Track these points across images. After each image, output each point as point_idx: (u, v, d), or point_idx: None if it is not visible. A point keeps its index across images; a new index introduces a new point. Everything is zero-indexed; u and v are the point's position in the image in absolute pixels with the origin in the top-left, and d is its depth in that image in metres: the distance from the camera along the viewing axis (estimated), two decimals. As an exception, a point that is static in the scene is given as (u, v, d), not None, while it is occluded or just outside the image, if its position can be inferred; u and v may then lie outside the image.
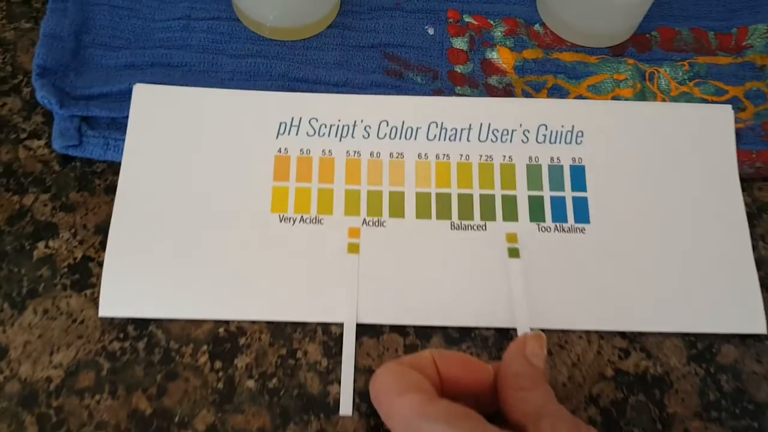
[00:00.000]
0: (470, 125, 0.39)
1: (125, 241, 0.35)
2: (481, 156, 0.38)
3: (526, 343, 0.30)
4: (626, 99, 0.41)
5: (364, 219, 0.36)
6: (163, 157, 0.37)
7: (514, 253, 0.36)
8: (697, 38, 0.44)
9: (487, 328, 0.35)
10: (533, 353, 0.30)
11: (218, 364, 0.33)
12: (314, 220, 0.36)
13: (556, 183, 0.38)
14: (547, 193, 0.38)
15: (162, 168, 0.37)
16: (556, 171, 0.38)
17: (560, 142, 0.39)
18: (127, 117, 0.37)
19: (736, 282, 0.36)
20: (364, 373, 0.34)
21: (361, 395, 0.33)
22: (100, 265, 0.35)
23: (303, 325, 0.34)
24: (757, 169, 0.39)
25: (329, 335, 0.34)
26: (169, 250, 0.35)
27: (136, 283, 0.34)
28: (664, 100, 0.41)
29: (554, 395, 0.29)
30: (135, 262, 0.34)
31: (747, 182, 0.40)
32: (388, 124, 0.39)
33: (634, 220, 0.37)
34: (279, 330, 0.34)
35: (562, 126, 0.39)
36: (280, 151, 0.38)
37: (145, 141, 0.37)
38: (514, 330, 0.35)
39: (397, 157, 0.38)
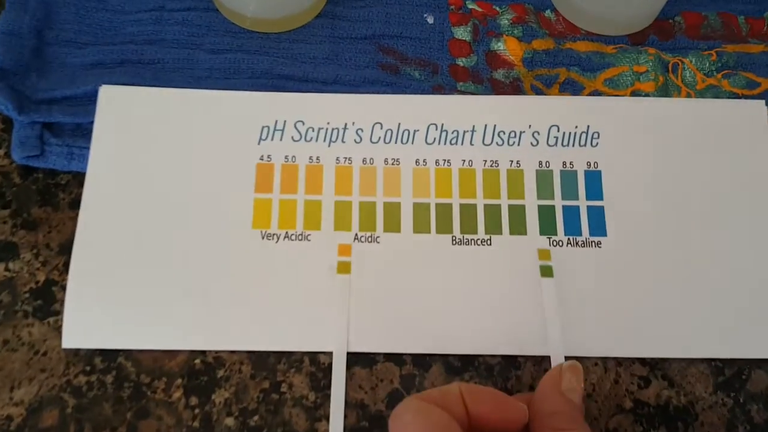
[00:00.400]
0: (473, 127, 0.35)
1: (90, 263, 0.32)
2: (485, 161, 0.35)
3: (562, 375, 0.28)
4: (647, 94, 0.37)
5: (356, 234, 0.33)
6: (133, 168, 0.34)
7: (546, 271, 0.33)
8: (725, 24, 0.40)
9: (492, 356, 0.32)
10: (570, 388, 0.28)
11: (194, 400, 0.30)
12: (300, 237, 0.33)
13: (570, 191, 0.35)
14: (559, 203, 0.34)
15: (131, 180, 0.34)
16: (569, 177, 0.35)
17: (574, 145, 0.35)
18: (93, 122, 0.34)
19: (769, 300, 0.33)
20: (355, 408, 0.31)
21: (352, 432, 0.30)
22: (65, 289, 0.32)
23: (288, 354, 0.32)
24: (792, 172, 0.36)
25: (317, 366, 0.31)
26: (139, 272, 0.32)
27: (102, 310, 0.31)
28: (689, 95, 0.38)
29: None
30: (101, 287, 0.31)
31: (781, 186, 0.36)
32: (382, 127, 0.35)
33: (656, 232, 0.34)
34: (261, 361, 0.31)
35: (576, 127, 0.36)
36: (262, 158, 0.34)
37: (112, 149, 0.34)
38: (523, 357, 0.32)
39: (392, 164, 0.35)
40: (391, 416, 0.26)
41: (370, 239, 0.33)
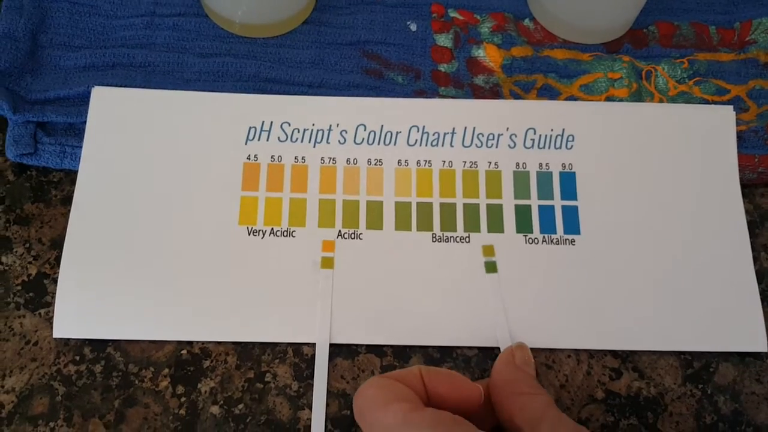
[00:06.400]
0: (454, 129, 0.37)
1: (81, 257, 0.33)
2: (465, 162, 0.36)
3: (514, 353, 0.30)
4: (621, 100, 0.39)
5: (340, 231, 0.34)
6: (123, 166, 0.35)
7: (491, 267, 0.34)
8: (697, 33, 0.42)
9: (470, 348, 0.33)
10: (524, 361, 0.30)
11: (180, 389, 0.31)
12: (285, 233, 0.34)
13: (545, 191, 0.36)
14: (534, 202, 0.36)
15: (121, 177, 0.35)
16: (544, 178, 0.36)
17: (549, 147, 0.37)
18: (85, 122, 0.35)
19: (735, 296, 0.34)
20: (337, 397, 0.32)
21: (334, 421, 0.31)
22: (56, 282, 0.33)
23: (272, 345, 0.33)
24: (759, 174, 0.37)
25: (300, 356, 0.32)
26: (128, 265, 0.33)
27: (92, 302, 0.32)
28: (661, 101, 0.39)
29: (554, 402, 0.28)
30: (91, 279, 0.32)
31: (748, 188, 0.38)
32: (365, 129, 0.36)
33: (628, 230, 0.35)
34: (246, 351, 0.32)
35: (552, 130, 0.37)
36: (249, 157, 0.35)
37: (103, 148, 0.35)
38: (500, 349, 0.33)
39: (375, 164, 0.36)
40: (355, 394, 0.27)
41: (353, 236, 0.34)
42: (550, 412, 0.27)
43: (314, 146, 0.36)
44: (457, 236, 0.35)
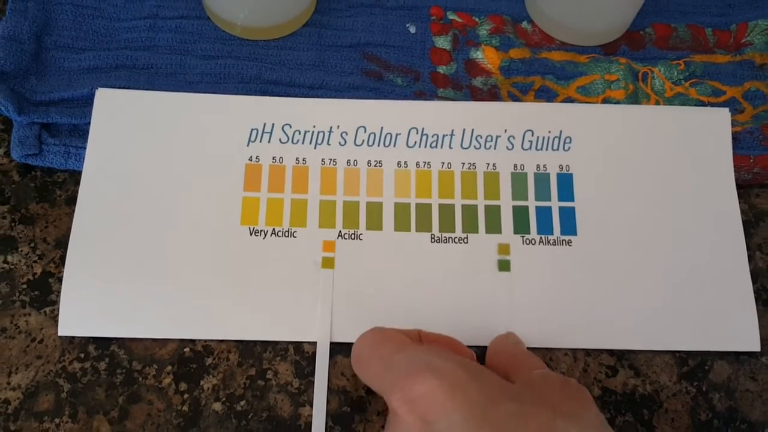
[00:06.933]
0: (452, 131, 0.37)
1: (85, 256, 0.33)
2: (463, 164, 0.37)
3: (508, 336, 0.32)
4: (617, 101, 0.39)
5: (340, 231, 0.35)
6: (127, 167, 0.35)
7: (504, 266, 0.34)
8: (693, 35, 0.42)
9: (469, 346, 0.33)
10: (516, 341, 0.32)
11: (183, 386, 0.32)
12: (287, 233, 0.35)
13: (542, 192, 0.36)
14: (532, 203, 0.36)
15: (125, 178, 0.35)
16: (542, 179, 0.36)
17: (547, 149, 0.37)
18: (89, 123, 0.36)
19: (729, 296, 0.35)
20: (337, 394, 0.32)
21: (335, 418, 0.32)
22: (61, 281, 0.33)
23: (273, 344, 0.33)
24: (754, 175, 0.38)
25: (301, 354, 0.33)
26: (132, 265, 0.33)
27: (97, 300, 0.33)
28: (657, 102, 0.40)
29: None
30: (96, 278, 0.33)
31: (744, 189, 0.38)
32: (365, 130, 0.37)
33: (624, 231, 0.36)
34: (248, 349, 0.33)
35: (549, 131, 0.37)
36: (251, 159, 0.36)
37: (107, 149, 0.35)
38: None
39: (375, 166, 0.36)
40: (354, 344, 0.29)
41: (353, 236, 0.35)
42: (544, 369, 0.29)
43: (315, 148, 0.36)
44: (456, 237, 0.35)
